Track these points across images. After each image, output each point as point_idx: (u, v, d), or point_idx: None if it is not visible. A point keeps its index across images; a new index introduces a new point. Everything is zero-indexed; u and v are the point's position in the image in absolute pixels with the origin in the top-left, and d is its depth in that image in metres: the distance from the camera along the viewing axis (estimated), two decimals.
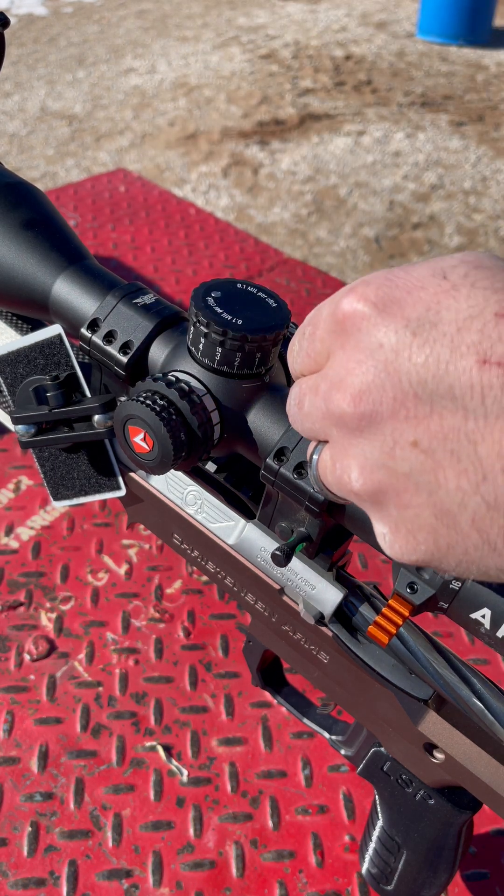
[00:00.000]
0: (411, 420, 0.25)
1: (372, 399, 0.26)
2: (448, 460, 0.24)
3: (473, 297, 0.24)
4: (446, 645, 0.37)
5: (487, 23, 4.80)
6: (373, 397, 0.26)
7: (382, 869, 0.50)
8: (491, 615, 0.31)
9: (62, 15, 5.14)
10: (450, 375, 0.24)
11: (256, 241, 1.34)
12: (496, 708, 0.35)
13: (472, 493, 0.24)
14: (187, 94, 3.95)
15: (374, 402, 0.26)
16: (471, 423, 0.24)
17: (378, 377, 0.26)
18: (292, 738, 0.66)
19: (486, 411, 0.23)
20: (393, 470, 0.26)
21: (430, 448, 0.25)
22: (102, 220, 1.35)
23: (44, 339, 0.43)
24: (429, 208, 3.03)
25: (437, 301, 0.25)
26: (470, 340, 0.24)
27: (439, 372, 0.24)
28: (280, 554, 0.36)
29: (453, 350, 0.24)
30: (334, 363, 0.28)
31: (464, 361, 0.24)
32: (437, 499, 0.25)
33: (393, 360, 0.25)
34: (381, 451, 0.26)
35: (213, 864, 0.58)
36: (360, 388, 0.26)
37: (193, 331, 0.35)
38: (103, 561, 0.79)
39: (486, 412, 0.23)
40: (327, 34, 4.82)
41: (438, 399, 0.24)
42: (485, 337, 0.23)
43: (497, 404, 0.23)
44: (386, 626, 0.33)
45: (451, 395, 0.24)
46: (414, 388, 0.25)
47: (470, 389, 0.23)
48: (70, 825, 0.60)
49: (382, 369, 0.25)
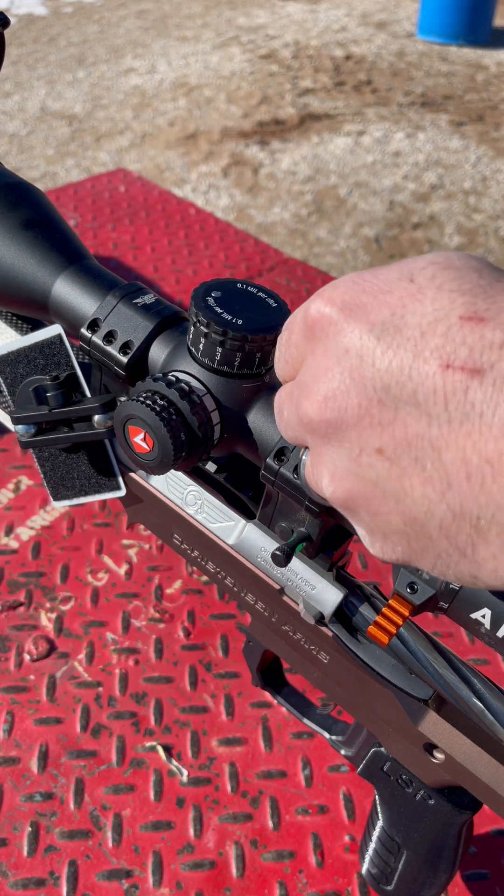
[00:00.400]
0: (376, 427, 0.25)
1: (337, 406, 0.26)
2: (413, 468, 0.24)
3: (439, 299, 0.24)
4: (446, 645, 0.37)
5: (487, 23, 4.80)
6: (338, 404, 0.26)
7: (382, 869, 0.50)
8: (491, 615, 0.31)
9: (62, 15, 5.14)
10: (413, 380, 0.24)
11: (256, 241, 1.34)
12: (496, 708, 0.35)
13: (438, 502, 0.24)
14: (187, 94, 3.95)
15: (339, 409, 0.26)
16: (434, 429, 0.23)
17: (343, 383, 0.25)
18: (292, 739, 0.66)
19: (449, 417, 0.23)
20: (361, 477, 0.26)
21: (396, 455, 0.25)
22: (102, 220, 1.35)
23: (44, 339, 0.43)
24: (429, 208, 3.03)
25: (403, 305, 0.24)
26: (433, 345, 0.23)
27: (402, 377, 0.24)
28: (280, 554, 0.36)
29: (416, 355, 0.23)
30: (306, 369, 0.28)
31: (427, 366, 0.23)
32: (404, 506, 0.25)
33: (357, 365, 0.25)
34: (349, 459, 0.26)
35: (213, 864, 0.58)
36: (326, 395, 0.26)
37: (193, 331, 0.35)
38: (103, 561, 0.79)
39: (449, 418, 0.23)
40: (327, 34, 4.82)
41: (402, 405, 0.24)
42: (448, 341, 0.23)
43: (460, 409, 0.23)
44: (386, 626, 0.33)
45: (414, 401, 0.24)
46: (378, 393, 0.24)
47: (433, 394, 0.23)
48: (70, 825, 0.60)
49: (347, 375, 0.25)
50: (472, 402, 0.22)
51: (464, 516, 0.23)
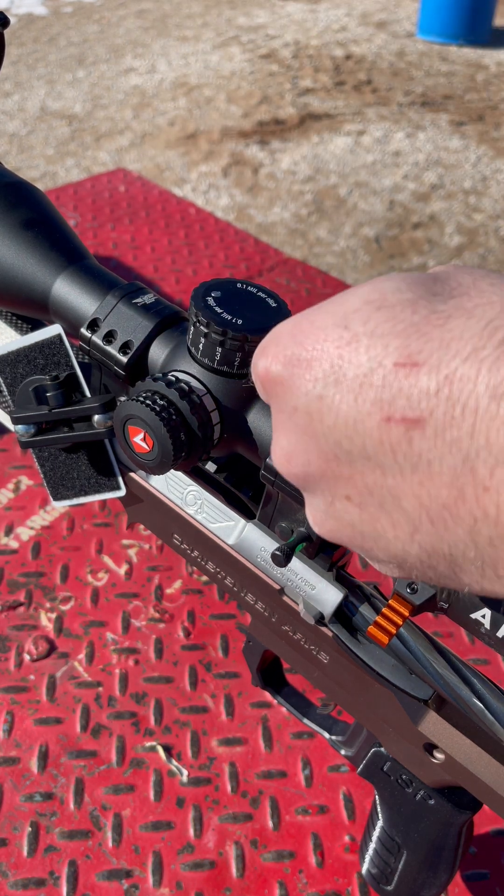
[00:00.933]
0: (339, 478, 0.25)
1: (300, 462, 0.26)
2: (380, 513, 0.24)
3: (373, 347, 0.23)
4: (446, 645, 0.37)
5: (487, 22, 4.80)
6: (300, 460, 0.26)
7: (382, 869, 0.50)
8: (491, 615, 0.31)
9: (62, 15, 5.14)
10: (360, 435, 0.23)
11: (256, 241, 1.34)
12: (496, 708, 0.35)
13: (410, 542, 0.24)
14: (187, 93, 3.95)
15: (303, 465, 0.26)
16: (389, 478, 0.23)
17: (300, 440, 0.26)
18: (292, 739, 0.66)
19: (400, 467, 0.23)
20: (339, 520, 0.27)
21: (363, 503, 0.25)
22: (102, 219, 1.35)
23: (43, 339, 0.43)
24: (429, 208, 3.03)
25: (340, 355, 0.24)
26: (372, 397, 0.23)
27: (349, 432, 0.24)
28: (280, 554, 0.36)
29: (359, 409, 0.23)
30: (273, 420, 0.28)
31: (370, 420, 0.23)
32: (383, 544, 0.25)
33: (307, 423, 0.25)
34: (325, 505, 0.27)
35: (213, 864, 0.58)
36: (289, 451, 0.27)
37: (193, 331, 0.35)
38: (103, 561, 0.79)
39: (400, 468, 0.23)
40: (327, 34, 4.82)
41: (356, 458, 0.24)
42: (385, 391, 0.22)
43: (409, 460, 0.22)
44: (386, 626, 0.33)
45: (365, 454, 0.24)
46: (332, 448, 0.25)
47: (380, 447, 0.23)
48: (70, 825, 0.60)
49: (301, 433, 0.25)
50: (418, 453, 0.22)
51: (437, 554, 0.24)
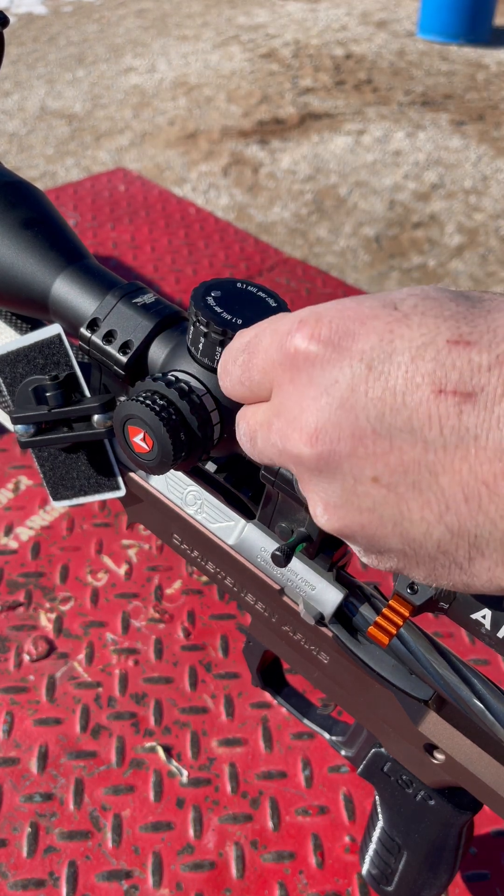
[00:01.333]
0: (370, 457, 0.25)
1: (329, 438, 0.25)
2: (410, 493, 0.24)
3: (425, 324, 0.24)
4: (447, 645, 0.37)
5: (488, 22, 4.79)
6: (330, 436, 0.25)
7: (383, 870, 0.50)
8: (491, 616, 0.31)
9: (62, 14, 5.14)
10: (407, 407, 0.23)
11: (256, 241, 1.34)
12: (497, 708, 0.35)
13: (437, 523, 0.24)
14: (187, 93, 3.95)
15: (331, 441, 0.25)
16: (431, 454, 0.23)
17: (334, 415, 0.25)
18: (292, 739, 0.66)
19: (444, 442, 0.23)
20: (356, 506, 0.26)
21: (392, 483, 0.25)
22: (102, 219, 1.35)
23: (43, 339, 0.43)
24: (429, 207, 3.03)
25: (391, 330, 0.24)
26: (424, 370, 0.23)
27: (396, 404, 0.24)
28: (280, 554, 0.36)
29: (408, 381, 0.23)
30: (285, 399, 0.27)
31: (419, 392, 0.23)
32: (402, 529, 0.25)
33: (349, 396, 0.25)
34: (343, 489, 0.26)
35: (213, 864, 0.58)
36: (317, 427, 0.25)
37: (193, 330, 0.35)
38: (103, 561, 0.79)
39: (444, 443, 0.23)
40: (327, 33, 4.82)
41: (397, 433, 0.24)
42: (438, 365, 0.23)
43: (455, 434, 0.23)
44: (386, 626, 0.33)
45: (409, 428, 0.24)
46: (372, 423, 0.24)
47: (428, 420, 0.23)
48: (70, 826, 0.59)
49: (338, 406, 0.25)
50: (466, 427, 0.23)
51: (462, 535, 0.24)
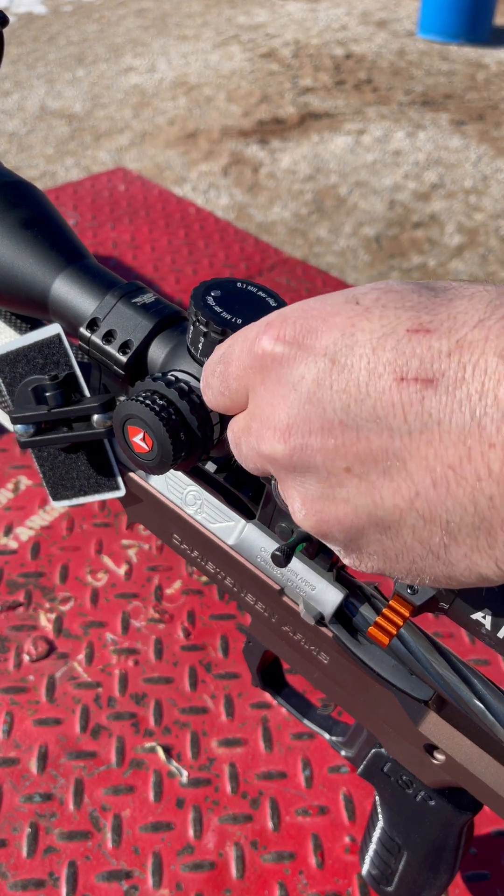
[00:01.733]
0: (341, 448, 0.25)
1: (300, 432, 0.26)
2: (381, 480, 0.25)
3: (386, 316, 0.25)
4: (447, 646, 0.37)
5: (488, 22, 4.79)
6: (301, 430, 0.26)
7: (383, 870, 0.50)
8: (491, 616, 0.31)
9: (61, 14, 5.14)
10: (371, 397, 0.24)
11: (256, 241, 1.34)
12: (497, 709, 0.35)
13: (408, 510, 0.25)
14: (187, 92, 3.95)
15: (302, 436, 0.26)
16: (397, 441, 0.24)
17: (303, 410, 0.26)
18: (292, 739, 0.66)
19: (409, 428, 0.24)
20: (332, 498, 0.26)
21: (364, 471, 0.25)
22: (102, 219, 1.35)
23: (43, 339, 0.43)
24: (429, 207, 3.03)
25: (352, 324, 0.25)
26: (385, 359, 0.24)
27: (360, 395, 0.24)
28: (280, 554, 0.36)
29: (371, 371, 0.24)
30: (258, 401, 0.28)
31: (382, 381, 0.24)
32: (377, 518, 0.26)
33: (315, 390, 0.25)
34: (318, 482, 0.27)
35: (213, 865, 0.58)
36: (288, 423, 0.26)
37: (193, 330, 0.35)
38: (103, 561, 0.79)
39: (409, 429, 0.24)
40: (327, 33, 4.82)
41: (363, 422, 0.24)
42: (399, 354, 0.24)
43: (419, 420, 0.23)
44: (386, 626, 0.33)
45: (374, 417, 0.24)
46: (339, 415, 0.25)
47: (392, 408, 0.24)
48: (69, 826, 0.59)
49: (306, 401, 0.26)
50: (428, 412, 0.23)
51: (434, 521, 0.24)
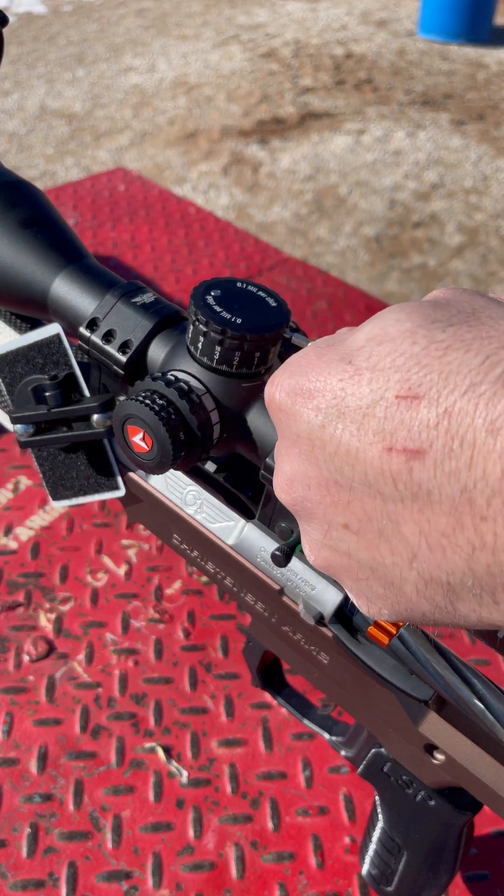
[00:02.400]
0: (338, 505, 0.26)
1: (300, 486, 0.27)
2: (378, 540, 0.25)
3: (375, 381, 0.24)
4: (447, 646, 0.37)
5: (488, 21, 4.79)
6: (300, 484, 0.27)
7: (383, 870, 0.50)
8: None
9: (61, 13, 5.14)
10: (361, 463, 0.24)
11: (256, 240, 1.34)
12: (497, 709, 0.35)
13: (408, 569, 0.24)
14: (187, 92, 3.95)
15: (302, 489, 0.27)
16: (389, 505, 0.24)
17: (301, 466, 0.27)
18: (292, 740, 0.66)
19: (400, 496, 0.23)
20: (335, 549, 0.27)
21: (361, 530, 0.25)
22: (102, 218, 1.35)
23: (42, 339, 0.43)
24: (429, 207, 3.03)
25: (342, 388, 0.25)
26: (374, 428, 0.23)
27: (351, 460, 0.24)
28: (280, 554, 0.36)
29: (360, 439, 0.24)
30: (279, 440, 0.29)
31: (371, 450, 0.24)
32: (380, 573, 0.26)
33: (310, 450, 0.26)
34: (320, 533, 0.27)
35: (213, 865, 0.58)
36: (290, 476, 0.27)
37: (192, 330, 0.35)
38: (102, 561, 0.79)
39: (401, 496, 0.23)
40: (328, 33, 4.82)
41: (356, 485, 0.25)
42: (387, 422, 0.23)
43: (409, 489, 0.23)
44: (386, 626, 0.33)
45: (366, 482, 0.24)
46: (333, 475, 0.25)
47: (381, 476, 0.23)
48: (69, 826, 0.59)
49: (304, 458, 0.26)
50: (417, 483, 0.23)
51: (435, 582, 0.24)
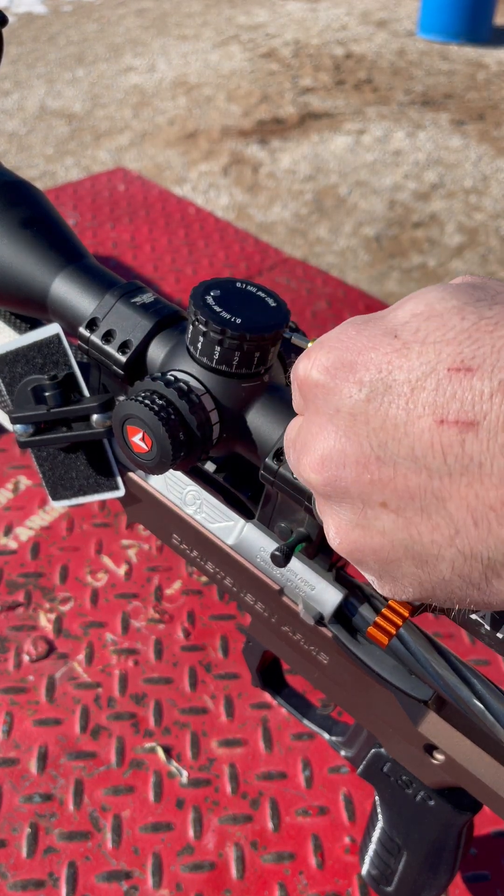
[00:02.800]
0: (376, 483, 0.25)
1: (335, 464, 0.26)
2: (419, 517, 0.24)
3: (425, 353, 0.24)
4: (447, 646, 0.37)
5: (488, 21, 4.79)
6: (335, 462, 0.26)
7: (383, 870, 0.50)
8: (491, 616, 0.31)
9: (61, 13, 5.14)
10: (409, 437, 0.23)
11: (256, 241, 1.33)
12: (496, 709, 0.35)
13: (448, 546, 0.24)
14: (187, 92, 3.95)
15: (336, 468, 0.26)
16: (436, 481, 0.23)
17: (339, 442, 0.26)
18: (292, 740, 0.66)
19: (449, 470, 0.23)
20: (367, 528, 0.26)
21: (400, 508, 0.25)
22: (102, 218, 1.35)
23: (42, 339, 0.43)
24: (429, 207, 3.03)
25: (389, 361, 0.24)
26: (425, 400, 0.23)
27: (398, 434, 0.24)
28: (279, 554, 0.36)
29: (409, 412, 0.23)
30: (305, 422, 0.28)
31: (421, 422, 0.23)
32: (414, 552, 0.25)
33: (351, 424, 0.25)
34: (353, 513, 0.26)
35: (213, 865, 0.58)
36: (323, 455, 0.26)
37: (192, 330, 0.35)
38: (102, 561, 0.78)
39: (449, 470, 0.23)
40: (327, 33, 4.82)
41: (401, 460, 0.24)
42: (439, 395, 0.23)
43: (459, 462, 0.23)
44: (386, 626, 0.33)
45: (412, 457, 0.24)
46: (375, 451, 0.25)
47: (430, 450, 0.23)
48: (69, 826, 0.59)
49: (343, 434, 0.25)
50: (469, 455, 0.22)
51: (475, 557, 0.24)
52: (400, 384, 0.24)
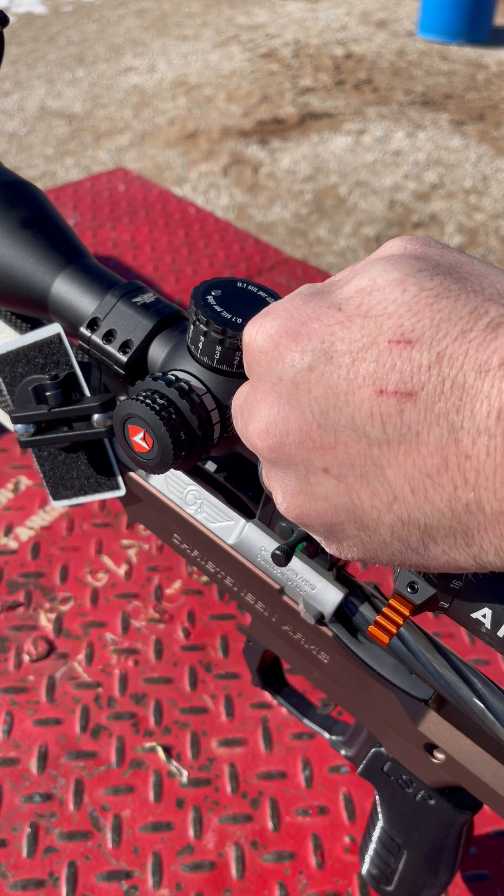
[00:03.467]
0: (318, 449, 0.26)
1: (278, 431, 0.26)
2: (359, 484, 0.25)
3: (367, 327, 0.24)
4: (447, 645, 0.37)
5: (488, 22, 4.79)
6: (279, 429, 0.26)
7: (383, 870, 0.50)
8: (492, 615, 0.31)
9: (61, 14, 5.14)
10: (350, 406, 0.24)
11: (256, 241, 1.34)
12: (497, 708, 0.35)
13: (387, 512, 0.25)
14: (187, 92, 3.95)
15: (280, 434, 0.26)
16: (375, 449, 0.24)
17: (282, 410, 0.26)
18: (292, 739, 0.66)
19: (388, 438, 0.24)
20: (311, 494, 0.27)
21: (341, 474, 0.25)
22: (102, 219, 1.35)
23: (43, 339, 0.43)
24: (429, 207, 3.03)
25: (332, 333, 0.25)
26: (365, 371, 0.24)
27: (339, 403, 0.24)
28: (280, 553, 0.36)
29: (350, 382, 0.24)
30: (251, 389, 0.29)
31: (361, 392, 0.24)
32: (355, 516, 0.26)
33: (293, 392, 0.26)
34: (297, 479, 0.27)
35: (213, 865, 0.58)
36: (266, 421, 0.27)
37: (193, 329, 0.35)
38: (103, 561, 0.79)
39: (388, 439, 0.24)
40: (327, 33, 4.82)
41: (341, 428, 0.25)
42: (379, 366, 0.23)
43: (397, 431, 0.23)
44: (386, 625, 0.33)
45: (352, 425, 0.24)
46: (316, 418, 0.25)
47: (370, 419, 0.24)
48: (69, 826, 0.59)
49: (285, 402, 0.26)
50: (407, 424, 0.23)
51: (412, 523, 0.24)
52: (341, 354, 0.24)
